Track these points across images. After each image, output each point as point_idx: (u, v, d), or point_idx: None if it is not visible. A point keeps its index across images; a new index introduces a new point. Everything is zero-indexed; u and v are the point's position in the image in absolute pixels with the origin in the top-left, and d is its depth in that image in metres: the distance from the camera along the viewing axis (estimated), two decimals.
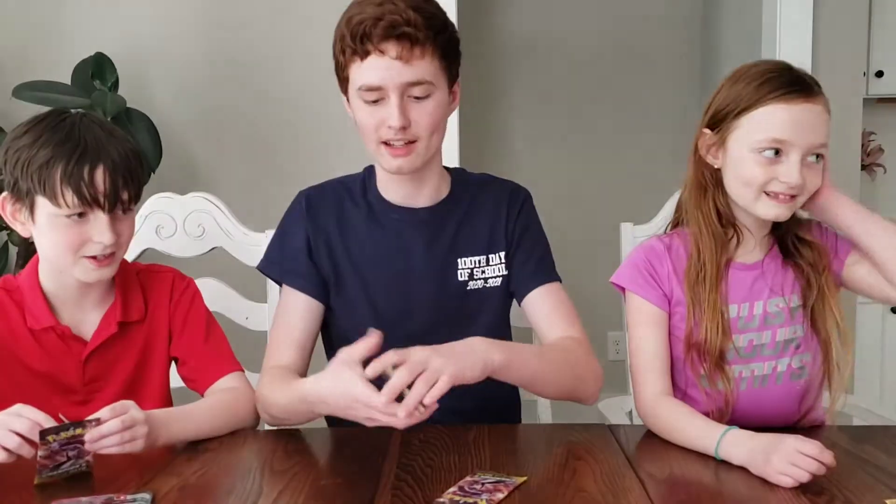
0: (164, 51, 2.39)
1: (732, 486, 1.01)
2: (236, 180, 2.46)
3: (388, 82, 1.19)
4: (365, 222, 1.35)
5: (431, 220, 1.34)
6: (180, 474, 1.05)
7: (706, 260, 1.21)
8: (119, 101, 2.10)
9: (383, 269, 1.33)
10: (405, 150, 1.23)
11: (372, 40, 1.17)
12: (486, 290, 1.35)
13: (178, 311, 1.32)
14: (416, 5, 1.19)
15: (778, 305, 1.23)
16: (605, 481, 1.01)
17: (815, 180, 1.17)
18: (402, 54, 1.17)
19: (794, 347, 1.23)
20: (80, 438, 1.02)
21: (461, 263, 1.34)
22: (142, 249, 1.58)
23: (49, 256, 1.21)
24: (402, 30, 1.16)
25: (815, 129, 1.15)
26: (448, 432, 1.19)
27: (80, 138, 1.17)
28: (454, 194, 1.37)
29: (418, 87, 1.20)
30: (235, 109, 2.46)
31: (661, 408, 1.18)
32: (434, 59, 1.21)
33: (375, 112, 1.21)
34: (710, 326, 1.19)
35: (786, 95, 1.15)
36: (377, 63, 1.18)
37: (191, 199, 1.60)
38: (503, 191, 1.39)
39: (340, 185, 1.39)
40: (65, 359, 1.24)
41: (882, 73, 2.81)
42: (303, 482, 1.02)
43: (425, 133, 1.23)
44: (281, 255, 1.36)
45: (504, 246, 1.35)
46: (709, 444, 1.08)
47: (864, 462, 1.07)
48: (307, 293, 1.33)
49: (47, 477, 1.01)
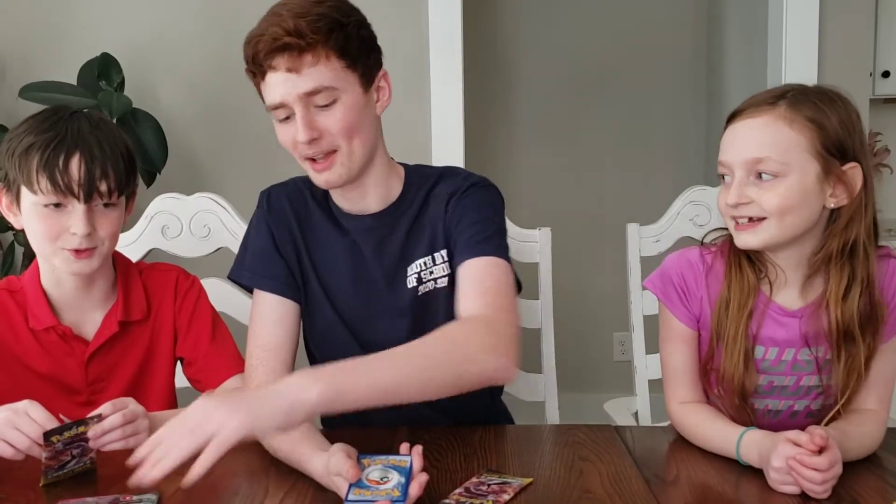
0: (170, 51, 2.39)
1: (740, 487, 1.00)
2: (242, 181, 2.45)
3: (287, 97, 1.13)
4: (325, 226, 1.29)
5: (378, 227, 1.27)
6: (185, 474, 1.04)
7: (733, 299, 1.14)
8: (125, 101, 2.10)
9: (343, 275, 1.28)
10: (326, 162, 1.17)
11: (262, 58, 1.13)
12: (437, 290, 1.26)
13: (184, 310, 1.32)
14: (302, 11, 1.12)
15: (810, 355, 1.14)
16: (611, 483, 1.00)
17: (772, 199, 1.06)
18: (291, 65, 1.12)
19: (818, 393, 1.16)
20: (84, 436, 1.02)
21: (410, 270, 1.27)
22: (147, 249, 1.58)
23: (34, 247, 1.21)
24: (283, 41, 1.10)
25: (756, 143, 1.07)
26: (454, 433, 1.19)
27: (63, 128, 1.17)
28: (404, 196, 1.28)
29: (319, 96, 1.13)
30: (241, 110, 2.46)
31: (686, 415, 1.17)
32: (330, 62, 1.13)
33: (288, 129, 1.16)
34: (734, 364, 1.13)
35: (732, 118, 1.12)
36: (273, 79, 1.14)
37: (196, 199, 1.60)
38: (454, 184, 1.28)
39: (303, 183, 1.31)
40: (67, 359, 1.24)
41: (888, 74, 2.80)
42: (308, 484, 1.02)
43: (342, 140, 1.16)
44: (248, 258, 1.29)
45: (444, 240, 1.26)
46: (730, 449, 1.07)
47: (871, 464, 1.07)
48: (283, 295, 1.26)
49: (53, 477, 1.02)
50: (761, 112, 1.08)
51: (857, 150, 1.08)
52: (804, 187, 1.06)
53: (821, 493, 0.94)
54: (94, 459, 1.05)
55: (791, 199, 1.06)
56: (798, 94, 1.09)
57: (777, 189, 1.06)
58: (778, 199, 1.06)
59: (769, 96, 1.09)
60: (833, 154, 1.06)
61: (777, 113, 1.07)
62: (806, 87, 1.11)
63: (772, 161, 1.06)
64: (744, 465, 1.05)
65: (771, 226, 1.08)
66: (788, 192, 1.06)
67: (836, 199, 1.08)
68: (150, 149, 2.12)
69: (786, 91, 1.10)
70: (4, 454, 1.02)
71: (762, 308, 1.14)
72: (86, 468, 1.04)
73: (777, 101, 1.08)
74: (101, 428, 1.03)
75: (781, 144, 1.06)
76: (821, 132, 1.06)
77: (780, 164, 1.05)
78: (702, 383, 1.20)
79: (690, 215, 1.63)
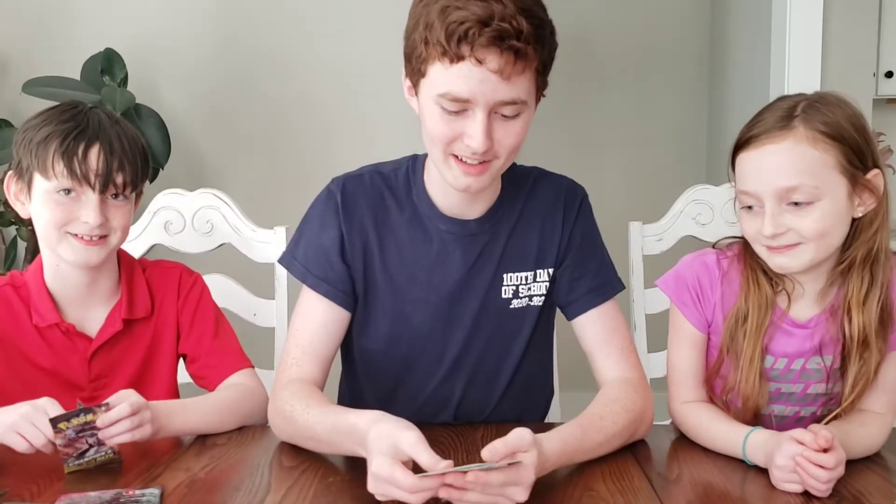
0: (173, 47, 2.39)
1: (743, 485, 1.00)
2: (245, 177, 2.46)
3: (480, 98, 1.01)
4: (407, 227, 1.20)
5: (481, 232, 1.20)
6: (189, 469, 1.05)
7: (751, 315, 1.12)
8: (128, 96, 2.11)
9: (421, 282, 1.20)
10: (479, 168, 1.07)
11: (472, 47, 0.98)
12: (530, 308, 1.23)
13: (187, 307, 1.32)
14: (526, 6, 1.00)
15: (819, 364, 1.13)
16: (613, 481, 1.00)
17: (810, 226, 1.04)
18: (502, 68, 0.99)
19: (826, 400, 1.15)
20: (95, 425, 1.03)
21: (507, 280, 1.21)
22: (150, 245, 1.58)
23: (40, 234, 1.21)
24: (510, 42, 0.97)
25: (785, 172, 1.04)
26: (456, 431, 1.19)
27: (83, 120, 1.19)
28: (506, 199, 1.21)
29: (510, 107, 1.03)
30: (245, 106, 2.46)
31: (690, 414, 1.16)
32: (533, 75, 1.04)
33: (453, 123, 1.04)
34: (745, 381, 1.12)
35: (745, 145, 1.09)
36: (471, 73, 0.99)
37: (199, 195, 1.60)
38: (558, 192, 1.24)
39: (380, 178, 1.22)
40: (70, 356, 1.24)
41: (892, 74, 2.79)
42: (311, 478, 1.02)
43: (505, 153, 1.07)
44: (309, 252, 1.20)
45: (554, 262, 1.23)
46: (736, 449, 1.07)
47: (873, 463, 1.07)
48: (335, 301, 1.19)
49: (75, 466, 1.03)
50: (780, 137, 1.05)
51: (874, 154, 1.08)
52: (838, 207, 1.05)
53: (824, 491, 0.94)
54: (116, 451, 1.06)
55: (828, 222, 1.05)
56: (807, 108, 1.06)
57: (813, 214, 1.04)
58: (816, 225, 1.05)
59: (779, 116, 1.06)
60: (856, 166, 1.06)
61: (797, 135, 1.04)
62: (809, 97, 1.09)
63: (805, 187, 1.03)
64: (749, 465, 1.05)
65: (809, 249, 1.06)
66: (825, 215, 1.05)
67: (863, 207, 1.08)
68: (153, 144, 2.12)
69: (793, 107, 1.07)
70: (17, 447, 1.03)
71: (776, 322, 1.13)
72: (109, 458, 1.05)
73: (790, 121, 1.05)
74: (108, 418, 1.03)
75: (811, 169, 1.04)
76: (843, 146, 1.05)
77: (814, 189, 1.03)
78: (706, 387, 1.19)
79: (693, 214, 1.63)
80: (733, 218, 1.53)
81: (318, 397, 1.11)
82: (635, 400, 1.13)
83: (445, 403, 1.26)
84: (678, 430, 1.20)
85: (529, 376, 1.29)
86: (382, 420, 0.93)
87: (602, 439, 1.07)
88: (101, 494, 0.95)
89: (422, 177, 1.21)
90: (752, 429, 1.07)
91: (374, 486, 0.89)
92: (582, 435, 1.04)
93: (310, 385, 1.15)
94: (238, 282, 1.60)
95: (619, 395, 1.14)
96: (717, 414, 1.14)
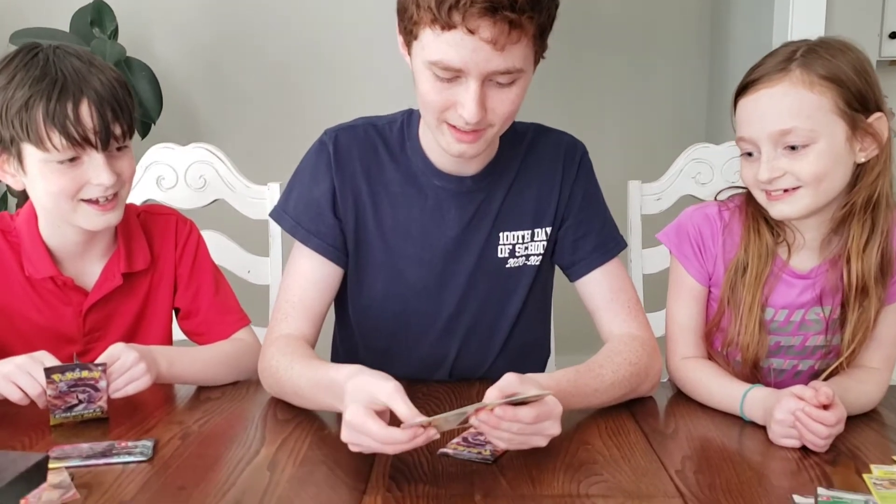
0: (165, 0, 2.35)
1: (740, 440, 1.00)
2: (240, 132, 2.43)
3: (472, 68, 0.97)
4: (400, 182, 1.17)
5: (477, 190, 1.17)
6: (182, 422, 1.04)
7: (751, 266, 1.12)
8: (119, 49, 2.07)
9: (415, 239, 1.18)
10: (473, 136, 1.04)
11: (463, 16, 0.94)
12: (527, 267, 1.22)
13: (185, 259, 1.28)
14: None
15: (818, 314, 1.13)
16: (609, 435, 1.00)
17: (805, 168, 1.03)
18: (496, 38, 0.95)
19: (824, 353, 1.15)
20: (88, 382, 1.03)
21: (503, 238, 1.19)
22: (142, 200, 1.56)
23: (47, 206, 1.14)
24: (504, 13, 0.93)
25: (779, 115, 1.04)
26: (451, 387, 1.19)
27: (58, 72, 1.08)
28: (503, 156, 1.19)
29: (505, 76, 1.00)
30: (237, 61, 2.42)
31: (689, 370, 1.16)
32: (529, 42, 0.99)
33: (445, 91, 1.01)
34: (745, 330, 1.11)
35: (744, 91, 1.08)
36: (462, 42, 0.95)
37: (192, 150, 1.57)
38: (557, 149, 1.22)
39: (374, 130, 1.19)
40: (64, 308, 1.21)
41: None
42: (306, 431, 1.01)
43: (500, 121, 1.04)
44: (300, 206, 1.18)
45: (552, 221, 1.21)
46: (734, 406, 1.06)
47: (871, 420, 1.07)
48: (326, 256, 1.17)
49: (62, 417, 1.03)
50: (776, 80, 1.04)
51: (878, 98, 1.06)
52: (835, 150, 1.04)
53: (822, 447, 0.94)
54: (104, 409, 1.05)
55: (824, 165, 1.04)
56: (807, 52, 1.05)
57: (809, 157, 1.04)
58: (812, 168, 1.04)
59: (778, 61, 1.06)
60: (856, 109, 1.04)
61: (793, 78, 1.04)
62: (811, 42, 1.08)
63: (800, 130, 1.03)
64: (746, 421, 1.05)
65: (807, 194, 1.05)
66: (820, 158, 1.04)
67: (865, 153, 1.06)
68: (144, 99, 2.09)
69: (793, 52, 1.06)
70: (12, 397, 1.02)
71: (777, 273, 1.13)
72: (96, 416, 1.05)
73: (788, 64, 1.05)
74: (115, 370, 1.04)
75: (805, 111, 1.03)
76: (841, 89, 1.03)
77: (809, 132, 1.03)
78: (706, 342, 1.19)
79: (693, 173, 1.61)
80: (733, 177, 1.52)
81: (302, 353, 1.09)
82: (640, 355, 1.12)
83: (441, 362, 1.25)
84: (675, 387, 1.19)
85: (526, 337, 1.28)
86: (361, 373, 0.92)
87: (599, 386, 1.05)
88: (94, 446, 0.95)
89: (416, 132, 1.19)
90: (751, 386, 1.06)
91: (347, 434, 0.87)
92: (576, 378, 1.03)
93: (297, 341, 1.13)
94: (231, 238, 1.58)
95: (624, 348, 1.12)
96: (716, 370, 1.14)
